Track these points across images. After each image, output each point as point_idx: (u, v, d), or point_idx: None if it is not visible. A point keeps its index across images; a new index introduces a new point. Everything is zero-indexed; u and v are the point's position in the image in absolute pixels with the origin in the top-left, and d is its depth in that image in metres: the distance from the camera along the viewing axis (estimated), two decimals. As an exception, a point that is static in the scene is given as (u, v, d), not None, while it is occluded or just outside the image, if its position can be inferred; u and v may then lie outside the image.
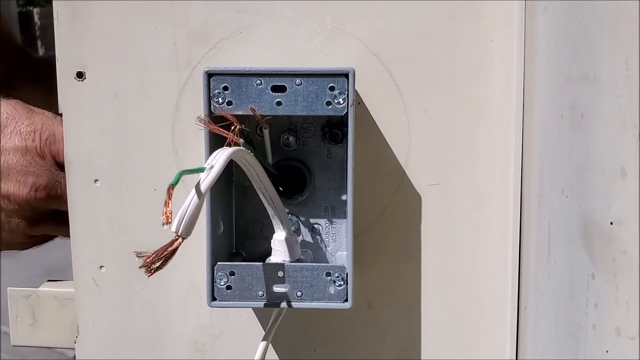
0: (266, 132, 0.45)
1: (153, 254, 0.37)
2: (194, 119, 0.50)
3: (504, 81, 0.49)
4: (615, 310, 0.35)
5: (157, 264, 0.37)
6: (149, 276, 0.37)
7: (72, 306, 0.53)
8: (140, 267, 0.37)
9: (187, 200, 0.37)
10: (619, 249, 0.34)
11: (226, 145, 0.41)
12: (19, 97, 0.70)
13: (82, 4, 0.49)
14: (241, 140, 0.42)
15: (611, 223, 0.35)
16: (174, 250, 0.37)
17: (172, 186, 0.35)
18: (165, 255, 0.37)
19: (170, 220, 0.35)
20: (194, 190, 0.37)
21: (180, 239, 0.37)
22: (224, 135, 0.42)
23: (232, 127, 0.42)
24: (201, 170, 0.38)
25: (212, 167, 0.38)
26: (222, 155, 0.39)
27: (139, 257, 0.37)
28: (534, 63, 0.46)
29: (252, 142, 0.47)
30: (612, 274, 0.35)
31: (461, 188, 0.50)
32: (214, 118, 0.43)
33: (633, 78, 0.33)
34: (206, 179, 0.38)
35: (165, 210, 0.35)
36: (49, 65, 0.52)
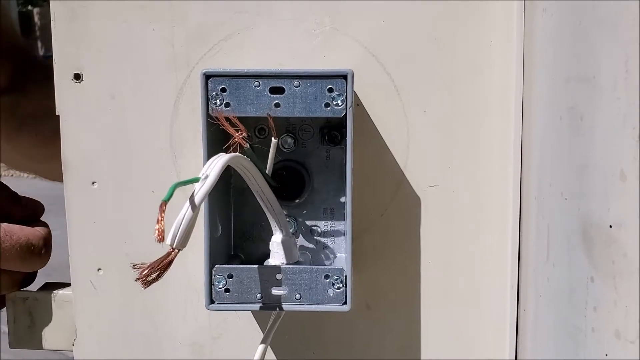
0: (275, 142, 0.44)
1: (149, 266, 0.36)
2: (192, 121, 0.50)
3: (503, 82, 0.48)
4: (614, 314, 0.35)
5: (153, 277, 0.37)
6: (145, 288, 0.37)
7: (70, 308, 0.53)
8: (136, 280, 0.37)
9: (181, 212, 0.37)
10: (618, 252, 0.34)
11: (227, 148, 0.41)
12: (27, 101, 0.68)
13: (80, 4, 0.49)
14: (247, 145, 0.41)
15: (610, 226, 0.35)
16: (170, 262, 0.37)
17: (164, 202, 0.35)
18: (161, 268, 0.37)
19: (163, 237, 0.35)
20: (188, 202, 0.37)
21: (175, 251, 0.37)
22: (232, 134, 0.41)
23: (238, 133, 0.41)
24: (196, 180, 0.38)
25: (206, 177, 0.38)
26: (217, 164, 0.38)
27: (135, 269, 0.37)
28: (533, 64, 0.46)
29: (252, 147, 0.47)
30: (611, 276, 0.35)
31: (460, 189, 0.50)
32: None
33: (632, 80, 0.33)
34: (200, 191, 0.37)
35: (157, 227, 0.34)
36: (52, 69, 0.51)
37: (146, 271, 0.36)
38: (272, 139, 0.44)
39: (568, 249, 0.40)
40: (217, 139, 0.44)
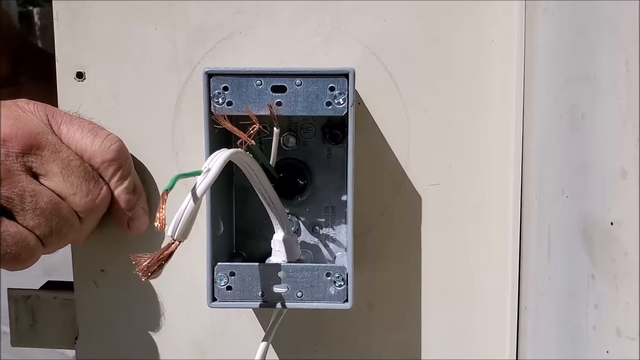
0: (277, 132, 0.44)
1: (149, 257, 0.36)
2: (194, 120, 0.50)
3: (504, 81, 0.49)
4: (615, 311, 0.35)
5: (154, 268, 0.36)
6: (145, 279, 0.37)
7: (72, 307, 0.53)
8: (136, 271, 0.36)
9: (183, 204, 0.37)
10: (619, 250, 0.34)
11: (237, 146, 0.41)
12: (22, 93, 0.68)
13: (82, 4, 0.49)
14: (253, 142, 0.41)
15: (611, 224, 0.35)
16: (171, 254, 0.37)
17: (166, 191, 0.35)
18: (161, 259, 0.36)
19: (164, 225, 0.35)
20: (190, 194, 0.37)
21: (176, 242, 0.37)
22: (238, 134, 0.41)
23: (252, 127, 0.41)
24: (198, 173, 0.38)
25: (208, 170, 0.38)
26: (219, 158, 0.38)
27: (136, 260, 0.36)
28: (533, 63, 0.46)
29: (261, 143, 0.47)
30: (612, 275, 0.35)
31: (461, 188, 0.50)
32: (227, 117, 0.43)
33: (633, 79, 0.33)
34: (202, 183, 0.37)
35: (158, 215, 0.35)
36: (51, 61, 0.51)
37: (147, 262, 0.36)
38: (274, 128, 0.44)
39: (569, 248, 0.40)
40: (219, 138, 0.45)
